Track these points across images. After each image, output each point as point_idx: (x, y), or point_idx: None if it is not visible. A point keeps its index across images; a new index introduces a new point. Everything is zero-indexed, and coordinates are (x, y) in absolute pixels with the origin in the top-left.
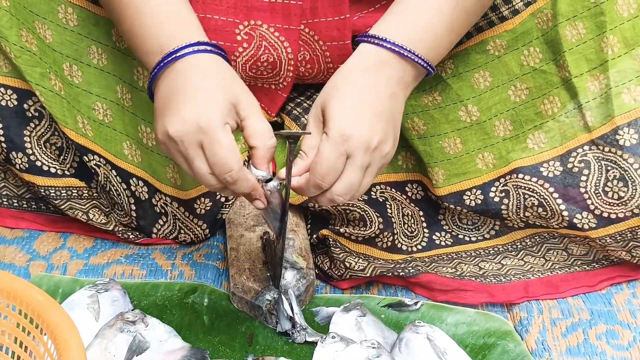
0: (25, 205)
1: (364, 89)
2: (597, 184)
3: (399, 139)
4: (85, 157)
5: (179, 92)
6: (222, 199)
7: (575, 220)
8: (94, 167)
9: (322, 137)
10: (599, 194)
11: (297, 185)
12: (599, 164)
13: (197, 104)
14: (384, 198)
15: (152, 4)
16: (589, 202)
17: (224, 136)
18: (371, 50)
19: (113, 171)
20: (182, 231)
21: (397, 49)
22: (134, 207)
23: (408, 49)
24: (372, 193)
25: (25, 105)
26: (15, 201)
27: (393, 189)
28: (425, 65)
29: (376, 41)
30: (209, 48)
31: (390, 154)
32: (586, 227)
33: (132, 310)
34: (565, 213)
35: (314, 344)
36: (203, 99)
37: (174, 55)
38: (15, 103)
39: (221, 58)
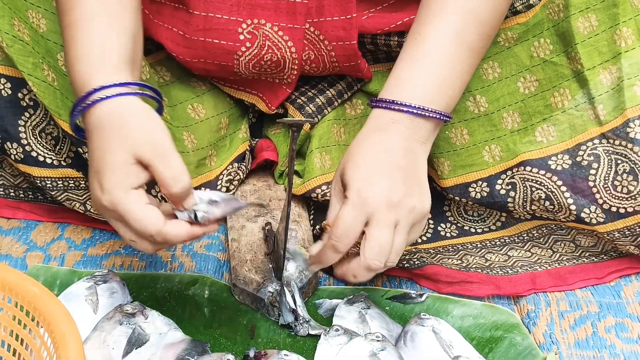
0: (22, 195)
1: (377, 147)
2: (607, 178)
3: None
4: (80, 149)
5: (89, 158)
6: (223, 189)
7: (583, 215)
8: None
9: (343, 201)
10: (607, 188)
11: (314, 253)
12: (609, 157)
13: (99, 182)
14: None
15: (89, 30)
16: (597, 196)
17: (132, 205)
18: (381, 113)
19: None
20: None
21: (405, 109)
22: None
23: (416, 106)
24: None
25: (20, 95)
26: (12, 191)
27: None
28: (438, 117)
29: (384, 105)
30: (123, 91)
31: (419, 209)
32: (594, 221)
33: (131, 302)
34: (572, 207)
35: (317, 336)
36: (102, 174)
37: (86, 102)
38: (10, 92)
39: (125, 99)
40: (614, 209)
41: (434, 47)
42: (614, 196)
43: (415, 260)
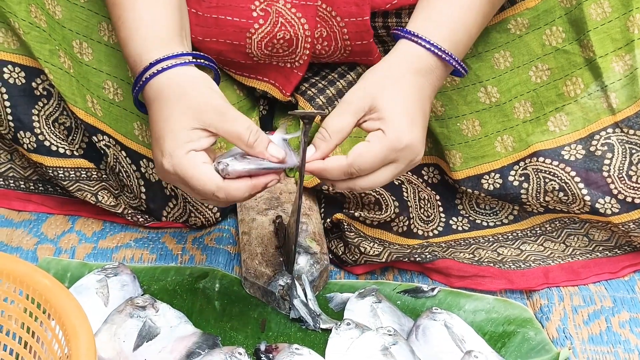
0: (32, 187)
1: (416, 95)
2: (621, 168)
3: None
4: (94, 137)
5: (154, 125)
6: None
7: (597, 205)
8: (104, 147)
9: (377, 133)
10: (622, 178)
11: (322, 167)
12: (623, 147)
13: (161, 148)
14: (399, 181)
15: (133, 4)
16: (612, 186)
17: (190, 166)
18: (421, 54)
19: (123, 152)
20: (192, 214)
21: (446, 57)
22: (143, 190)
23: (455, 58)
24: None
25: (34, 84)
26: (22, 183)
27: (409, 172)
28: (464, 71)
29: (428, 46)
30: (177, 62)
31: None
32: (609, 212)
33: (142, 295)
34: (587, 198)
35: (328, 330)
36: (164, 141)
37: (139, 82)
38: (24, 81)
39: (184, 69)
40: (629, 199)
41: None
42: (628, 186)
43: (427, 254)
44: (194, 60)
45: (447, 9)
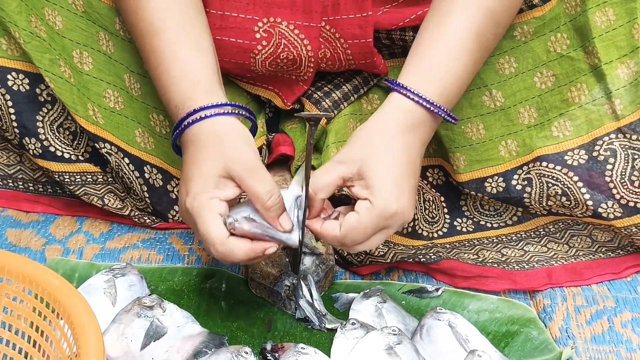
0: (41, 189)
1: (405, 157)
2: (623, 173)
3: None
4: (97, 144)
5: (182, 170)
6: None
7: (600, 210)
8: (106, 154)
9: (365, 204)
10: (624, 183)
11: (319, 231)
12: (625, 152)
13: (187, 189)
14: None
15: (171, 61)
16: (614, 191)
17: (205, 213)
18: (410, 108)
19: (125, 159)
20: None
21: (435, 110)
22: (147, 195)
23: (444, 109)
24: None
25: (38, 90)
26: (31, 185)
27: None
28: (453, 121)
29: (416, 99)
30: (219, 111)
31: (408, 222)
32: (611, 216)
33: (149, 295)
34: (589, 202)
35: (333, 330)
36: (191, 182)
37: (179, 128)
38: (28, 87)
39: (222, 118)
40: (631, 204)
41: (456, 45)
42: (631, 191)
43: (432, 254)
44: (235, 111)
45: (436, 60)
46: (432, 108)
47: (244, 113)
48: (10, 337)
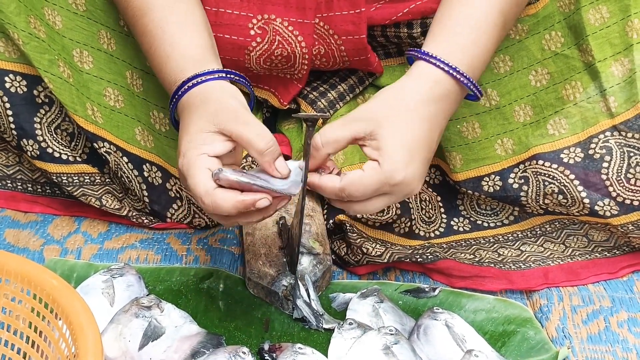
0: (39, 190)
1: (423, 130)
2: (619, 171)
3: None
4: (95, 144)
5: (180, 130)
6: None
7: (596, 208)
8: (104, 154)
9: (373, 164)
10: (620, 181)
11: (317, 183)
12: (621, 150)
13: (181, 149)
14: None
15: (161, 37)
16: (610, 189)
17: (193, 167)
18: (438, 78)
19: (124, 158)
20: (196, 215)
21: (464, 80)
22: (146, 193)
23: (472, 81)
24: None
25: (35, 92)
26: (30, 185)
27: None
28: (480, 95)
29: (446, 68)
30: (198, 80)
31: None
32: (608, 214)
33: (147, 295)
34: (586, 200)
35: (331, 330)
36: (183, 142)
37: (172, 101)
38: (25, 89)
39: (213, 83)
40: (627, 202)
41: (484, 17)
42: (627, 189)
43: (429, 254)
44: (226, 76)
45: (465, 30)
46: (461, 79)
47: (235, 78)
48: (9, 338)
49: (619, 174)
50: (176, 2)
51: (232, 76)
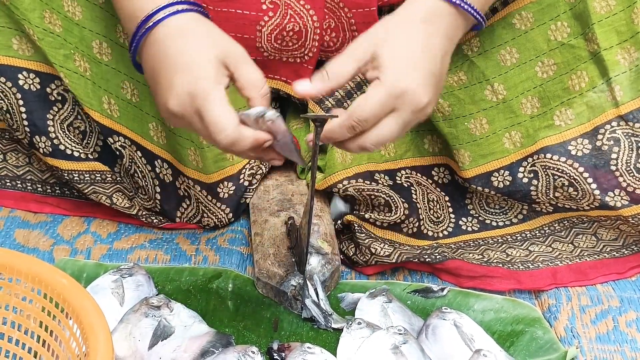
0: (49, 190)
1: (421, 42)
2: (628, 161)
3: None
4: (110, 139)
5: (166, 62)
6: (245, 183)
7: (607, 199)
8: (119, 148)
9: (375, 82)
10: (630, 171)
11: (328, 127)
12: (629, 140)
13: (185, 73)
14: (409, 183)
15: None
16: (620, 179)
17: (216, 99)
18: (429, 2)
19: (138, 152)
20: (205, 215)
21: (458, 2)
22: (158, 190)
23: (470, 4)
24: (397, 178)
25: (48, 89)
26: (40, 186)
27: (418, 174)
28: (479, 17)
29: None
30: (185, 7)
31: (429, 115)
32: (618, 204)
33: (157, 295)
34: (596, 192)
35: (339, 330)
36: (190, 66)
37: (150, 22)
38: (38, 87)
39: (199, 14)
40: (638, 191)
41: None
42: (637, 179)
43: (437, 254)
44: (191, 7)
45: None
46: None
47: (203, 11)
48: (20, 337)
49: (629, 164)
50: None
51: (201, 9)
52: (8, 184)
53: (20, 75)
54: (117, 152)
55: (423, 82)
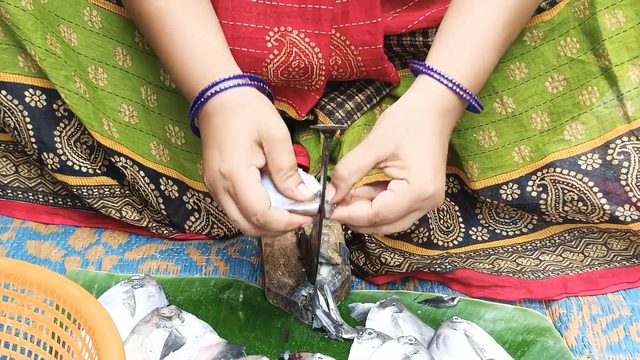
0: (60, 202)
1: (438, 140)
2: (638, 176)
3: None
4: (112, 158)
5: (209, 136)
6: None
7: (617, 214)
8: (122, 168)
9: (402, 184)
10: None
11: (347, 215)
12: (639, 155)
13: (220, 151)
14: None
15: (184, 36)
16: (630, 194)
17: (248, 180)
18: (442, 93)
19: (141, 172)
20: (215, 226)
21: (466, 97)
22: (163, 206)
23: (474, 97)
24: None
25: (55, 106)
26: (51, 198)
27: None
28: (480, 109)
29: (450, 85)
30: (235, 83)
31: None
32: (628, 219)
33: (168, 305)
34: (606, 207)
35: (350, 340)
36: (225, 144)
37: (208, 94)
38: (45, 104)
39: (248, 88)
40: None
41: (488, 31)
42: None
43: (447, 264)
44: (253, 82)
45: (468, 43)
46: (464, 95)
47: (261, 84)
48: (32, 348)
49: (638, 179)
50: (193, 3)
51: (260, 83)
52: (20, 195)
53: (26, 93)
54: (120, 171)
55: (443, 185)
